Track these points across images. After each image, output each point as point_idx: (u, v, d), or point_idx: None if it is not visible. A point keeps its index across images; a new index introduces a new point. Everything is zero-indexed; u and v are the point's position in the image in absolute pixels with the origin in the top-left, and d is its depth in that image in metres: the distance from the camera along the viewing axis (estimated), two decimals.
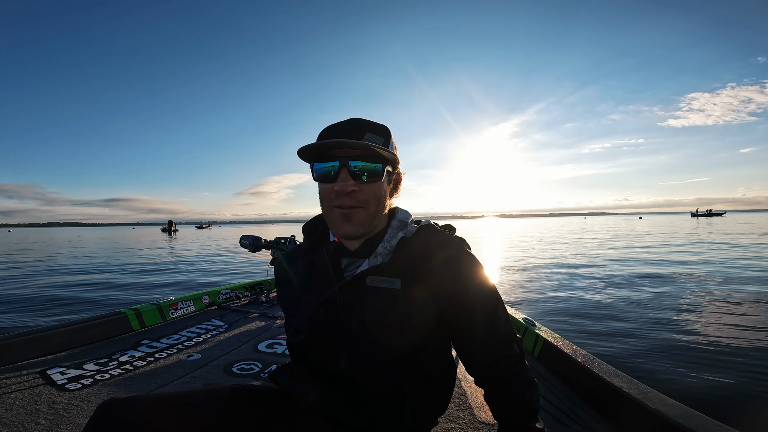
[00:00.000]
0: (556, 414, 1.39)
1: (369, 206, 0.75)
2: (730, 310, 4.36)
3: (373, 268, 0.77)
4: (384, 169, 0.75)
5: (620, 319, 4.10)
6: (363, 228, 0.75)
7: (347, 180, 0.72)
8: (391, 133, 0.80)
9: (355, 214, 0.74)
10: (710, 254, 10.10)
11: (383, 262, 0.77)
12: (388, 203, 0.81)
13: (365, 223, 0.75)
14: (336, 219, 0.75)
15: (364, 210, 0.74)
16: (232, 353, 2.09)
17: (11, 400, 1.48)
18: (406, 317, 0.75)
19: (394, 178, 0.83)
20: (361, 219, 0.75)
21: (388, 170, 0.78)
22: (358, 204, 0.74)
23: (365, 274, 0.77)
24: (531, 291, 5.87)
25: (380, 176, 0.75)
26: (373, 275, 0.77)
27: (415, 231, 0.82)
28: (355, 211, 0.74)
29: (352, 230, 0.75)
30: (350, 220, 0.74)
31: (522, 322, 2.08)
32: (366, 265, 0.78)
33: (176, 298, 2.82)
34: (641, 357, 3.03)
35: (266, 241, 3.05)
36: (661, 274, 7.08)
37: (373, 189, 0.75)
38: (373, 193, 0.75)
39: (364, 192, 0.74)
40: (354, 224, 0.74)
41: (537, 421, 0.78)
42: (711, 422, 1.04)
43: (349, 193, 0.73)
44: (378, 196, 0.76)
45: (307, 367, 0.84)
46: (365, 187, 0.74)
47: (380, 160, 0.74)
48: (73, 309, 5.26)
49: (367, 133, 0.76)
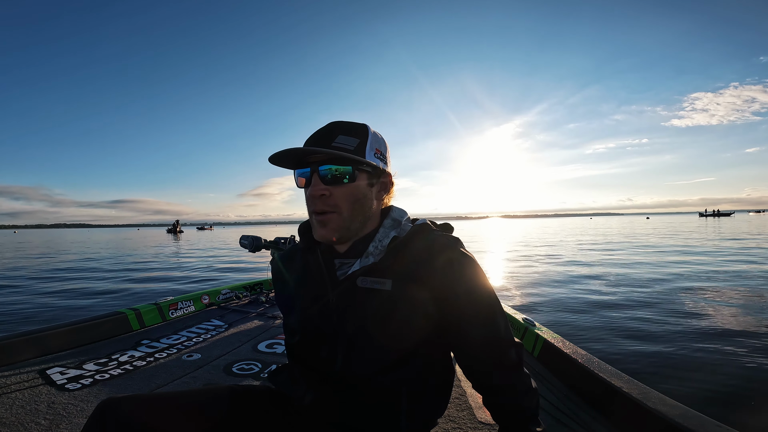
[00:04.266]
0: (556, 414, 1.38)
1: (342, 210, 0.74)
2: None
3: (363, 269, 0.75)
4: (356, 171, 0.74)
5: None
6: (338, 233, 0.75)
7: (318, 185, 0.73)
8: (369, 132, 0.78)
9: (330, 220, 0.74)
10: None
11: (374, 262, 0.76)
12: (374, 205, 0.79)
13: (340, 228, 0.74)
14: (314, 224, 0.76)
15: (337, 215, 0.74)
16: (231, 353, 2.09)
17: (11, 400, 1.49)
18: (399, 319, 0.73)
19: (383, 180, 0.80)
20: (336, 224, 0.74)
21: (366, 171, 0.75)
22: (330, 209, 0.74)
23: (356, 275, 0.75)
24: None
25: (352, 179, 0.73)
26: (363, 276, 0.75)
27: (409, 230, 0.79)
28: (329, 216, 0.74)
29: (327, 235, 0.75)
30: (325, 225, 0.74)
31: (522, 322, 2.07)
32: (357, 265, 0.76)
33: (176, 298, 2.83)
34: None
35: (266, 241, 3.06)
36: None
37: (346, 192, 0.74)
38: (345, 196, 0.74)
39: (335, 196, 0.73)
40: (329, 230, 0.74)
41: (537, 424, 0.77)
42: (711, 422, 1.03)
43: (320, 197, 0.73)
44: (353, 199, 0.74)
45: (304, 368, 0.84)
46: (336, 191, 0.73)
47: (350, 162, 0.73)
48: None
49: (339, 135, 0.75)
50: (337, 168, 0.73)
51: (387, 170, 0.81)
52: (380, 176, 0.80)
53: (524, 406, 0.77)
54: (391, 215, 0.82)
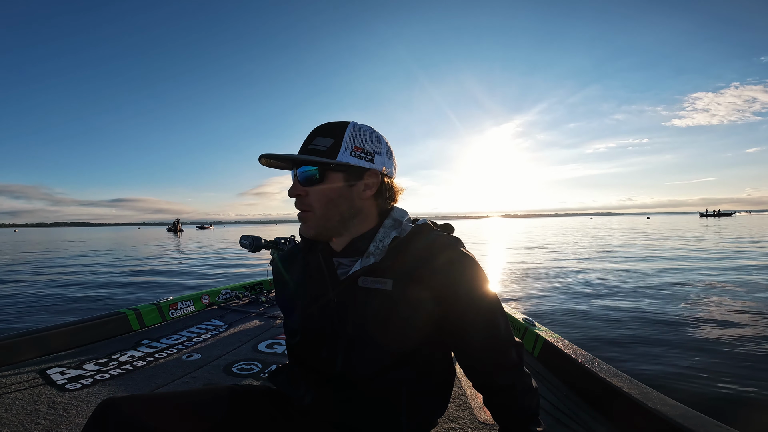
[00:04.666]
0: (556, 414, 1.38)
1: (315, 209, 0.76)
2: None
3: (364, 269, 0.75)
4: (325, 171, 0.75)
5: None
6: (315, 230, 0.78)
7: (296, 186, 0.77)
8: (347, 130, 0.76)
9: (306, 218, 0.78)
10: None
11: (375, 262, 0.76)
12: (357, 203, 0.77)
13: (317, 226, 0.77)
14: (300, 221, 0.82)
15: (312, 213, 0.77)
16: (231, 353, 2.09)
17: (11, 400, 1.49)
18: (400, 319, 0.73)
19: (368, 179, 0.77)
20: (312, 222, 0.77)
21: (340, 171, 0.75)
22: (306, 208, 0.77)
23: (357, 275, 0.76)
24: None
25: (321, 179, 0.75)
26: (364, 276, 0.75)
27: (409, 230, 0.79)
28: (307, 215, 0.78)
29: (304, 232, 0.79)
30: (304, 222, 0.79)
31: (522, 322, 2.07)
32: (358, 265, 0.76)
33: (176, 298, 2.83)
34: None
35: (266, 241, 3.06)
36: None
37: (318, 192, 0.76)
38: (318, 197, 0.76)
39: (309, 196, 0.77)
40: (306, 227, 0.79)
41: (538, 424, 0.77)
42: (711, 422, 1.03)
43: (297, 197, 0.78)
44: (326, 199, 0.76)
45: (304, 368, 0.84)
46: (311, 191, 0.76)
47: (317, 164, 0.75)
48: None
49: (316, 137, 0.78)
50: (308, 169, 0.76)
51: (372, 168, 0.77)
52: (361, 175, 0.77)
53: (525, 405, 0.77)
54: (392, 215, 0.81)
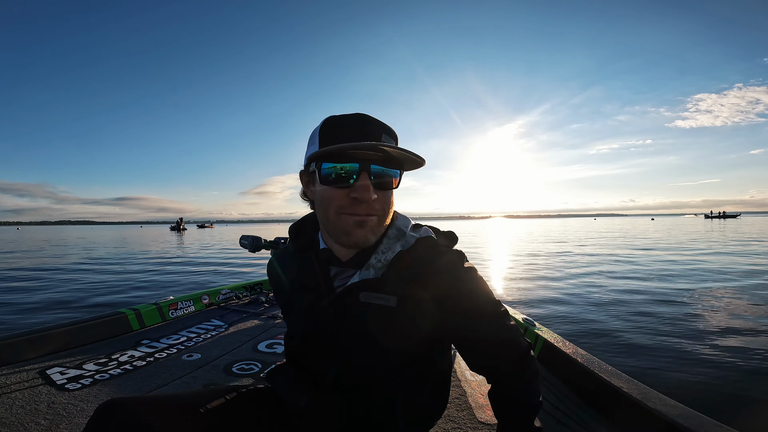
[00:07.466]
0: (556, 414, 1.38)
1: (382, 215, 0.69)
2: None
3: (365, 283, 0.72)
4: (401, 175, 0.70)
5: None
6: (375, 236, 0.69)
7: (368, 186, 0.65)
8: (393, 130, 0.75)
9: (370, 222, 0.68)
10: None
11: (376, 277, 0.71)
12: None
13: (377, 231, 0.69)
14: (347, 226, 0.68)
15: (377, 217, 0.68)
16: (231, 353, 2.09)
17: (11, 400, 1.49)
18: (402, 335, 0.72)
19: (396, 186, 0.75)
20: (373, 226, 0.68)
21: (398, 179, 0.72)
22: (374, 212, 0.67)
23: (358, 289, 0.72)
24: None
25: (397, 184, 0.70)
26: (367, 291, 0.72)
27: (413, 243, 0.74)
28: (370, 219, 0.67)
29: (364, 237, 0.68)
30: (364, 226, 0.67)
31: (522, 322, 2.07)
32: (357, 277, 0.72)
33: (176, 298, 2.83)
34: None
35: (266, 241, 3.05)
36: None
37: (388, 197, 0.69)
38: (388, 201, 0.70)
39: (380, 200, 0.67)
40: (367, 230, 0.67)
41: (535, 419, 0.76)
42: (711, 422, 1.03)
43: (371, 200, 0.65)
44: (389, 206, 0.71)
45: (300, 371, 0.83)
46: (382, 195, 0.67)
47: (398, 165, 0.68)
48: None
49: (383, 134, 0.67)
50: (391, 172, 0.67)
51: (400, 173, 0.75)
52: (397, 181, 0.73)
53: (532, 390, 0.76)
54: (395, 224, 0.76)
